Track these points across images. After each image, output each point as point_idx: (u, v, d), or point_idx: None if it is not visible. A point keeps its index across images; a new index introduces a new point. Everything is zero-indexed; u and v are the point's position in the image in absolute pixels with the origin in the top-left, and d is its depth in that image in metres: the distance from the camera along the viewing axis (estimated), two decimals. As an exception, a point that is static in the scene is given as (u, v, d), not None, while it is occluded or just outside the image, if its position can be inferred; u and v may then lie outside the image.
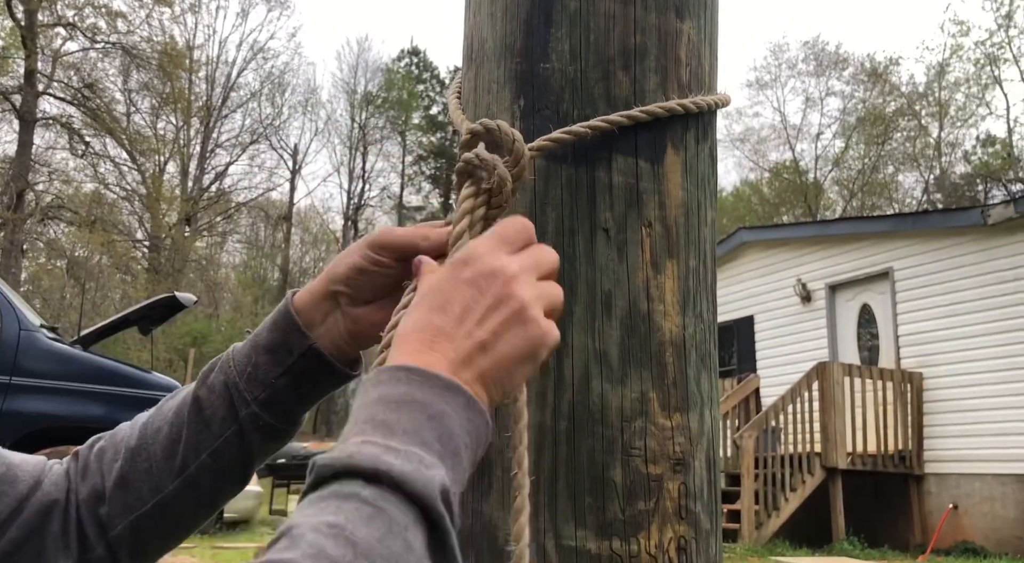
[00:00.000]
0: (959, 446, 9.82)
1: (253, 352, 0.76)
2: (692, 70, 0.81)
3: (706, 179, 0.82)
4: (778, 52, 40.79)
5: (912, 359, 10.38)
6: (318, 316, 0.76)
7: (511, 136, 0.72)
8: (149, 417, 0.77)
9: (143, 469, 0.74)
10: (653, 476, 0.72)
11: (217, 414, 0.74)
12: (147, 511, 0.73)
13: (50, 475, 0.74)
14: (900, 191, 32.77)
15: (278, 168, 34.68)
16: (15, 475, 0.72)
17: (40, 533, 0.71)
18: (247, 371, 0.75)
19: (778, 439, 9.93)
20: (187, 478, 0.74)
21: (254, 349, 0.76)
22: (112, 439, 0.77)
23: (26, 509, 0.71)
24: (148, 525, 0.73)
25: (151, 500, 0.73)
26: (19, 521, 0.70)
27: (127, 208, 26.66)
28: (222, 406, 0.74)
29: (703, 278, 0.80)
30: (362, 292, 0.75)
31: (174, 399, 0.78)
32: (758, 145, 33.85)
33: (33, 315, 6.56)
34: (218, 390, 0.75)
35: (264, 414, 0.74)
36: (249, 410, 0.74)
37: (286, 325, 0.75)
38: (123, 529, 0.73)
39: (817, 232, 12.16)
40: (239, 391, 0.74)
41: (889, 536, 10.03)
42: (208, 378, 0.76)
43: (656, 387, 0.74)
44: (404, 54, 38.41)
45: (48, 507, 0.72)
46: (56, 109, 22.78)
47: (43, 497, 0.72)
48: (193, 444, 0.74)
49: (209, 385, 0.76)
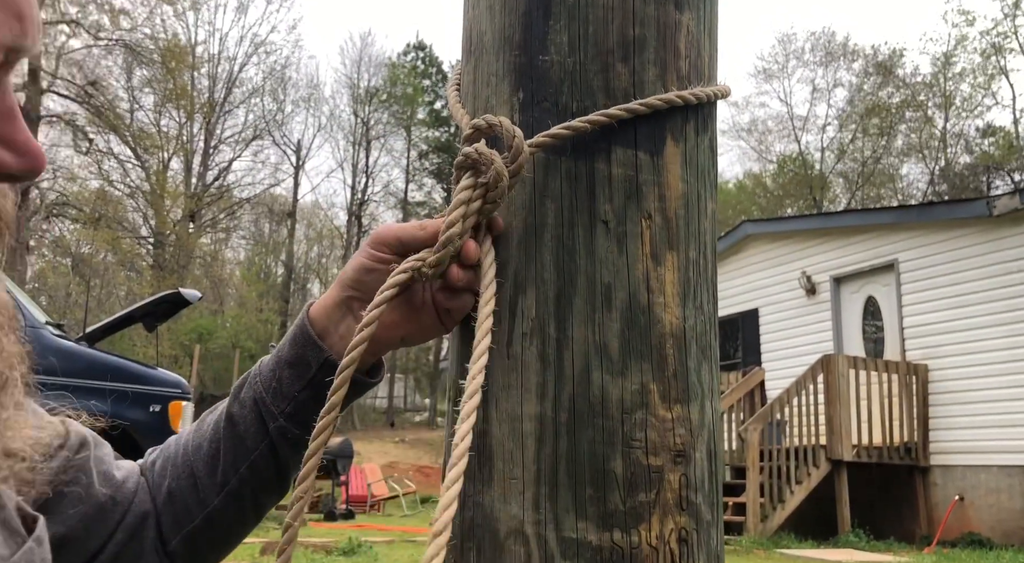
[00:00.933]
0: (965, 438, 9.81)
1: (277, 367, 0.78)
2: (691, 62, 0.81)
3: (706, 171, 0.82)
4: (785, 42, 40.60)
5: (917, 351, 10.37)
6: (332, 325, 0.78)
7: (511, 133, 0.73)
8: (192, 432, 0.80)
9: (188, 485, 0.77)
10: (654, 467, 0.73)
11: (250, 429, 0.77)
12: (197, 525, 0.76)
13: (142, 485, 0.77)
14: (904, 183, 32.69)
15: (281, 164, 34.73)
16: (124, 483, 0.75)
17: (140, 538, 0.74)
18: (272, 386, 0.77)
19: (783, 432, 9.93)
20: (230, 492, 0.76)
21: (278, 364, 0.78)
22: (164, 453, 0.80)
23: (128, 514, 0.74)
24: (199, 539, 0.76)
25: (199, 515, 0.76)
26: (124, 524, 0.73)
27: (131, 205, 26.72)
28: (254, 421, 0.77)
29: (703, 270, 0.80)
30: (373, 291, 0.76)
31: (213, 414, 0.80)
32: (764, 136, 33.78)
33: (39, 312, 6.58)
34: (248, 405, 0.77)
35: (291, 426, 0.76)
36: (277, 423, 0.76)
37: (303, 339, 0.78)
38: (177, 543, 0.76)
39: (822, 224, 12.14)
40: (266, 406, 0.76)
41: (895, 528, 10.03)
42: (240, 393, 0.79)
43: (656, 379, 0.74)
44: (410, 48, 38.37)
45: (145, 514, 0.75)
46: (60, 107, 22.83)
47: (141, 504, 0.75)
48: (231, 459, 0.76)
49: (241, 400, 0.78)
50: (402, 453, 25.87)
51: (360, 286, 0.76)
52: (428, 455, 25.52)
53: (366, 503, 16.71)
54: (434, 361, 35.07)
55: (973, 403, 9.73)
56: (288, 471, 0.79)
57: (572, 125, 0.75)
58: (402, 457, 25.20)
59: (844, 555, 8.27)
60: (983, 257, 9.69)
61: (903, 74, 31.33)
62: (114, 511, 0.72)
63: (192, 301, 6.63)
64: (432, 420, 32.63)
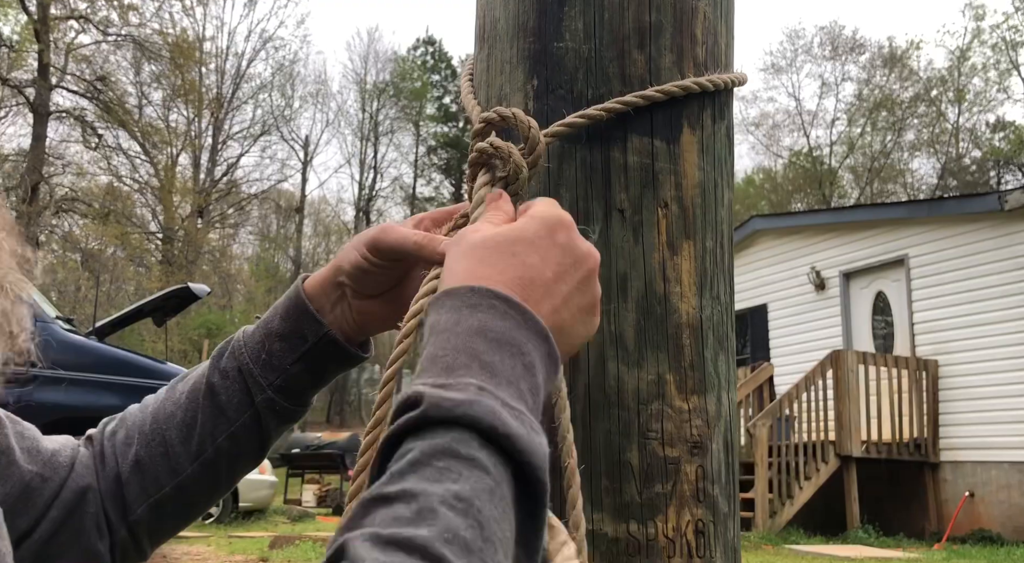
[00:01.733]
0: (975, 434, 9.76)
1: (266, 339, 0.77)
2: (708, 48, 0.80)
3: (723, 159, 0.81)
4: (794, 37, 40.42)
5: (927, 347, 10.31)
6: (327, 304, 0.77)
7: (527, 124, 0.71)
8: (160, 401, 0.78)
9: (159, 453, 0.75)
10: (670, 459, 0.72)
11: (233, 400, 0.75)
12: (166, 494, 0.75)
13: (81, 458, 0.75)
14: (914, 177, 32.50)
15: (289, 159, 34.76)
16: (56, 459, 0.73)
17: (79, 514, 0.72)
18: (261, 358, 0.76)
19: (792, 427, 9.90)
20: (204, 461, 0.75)
21: (267, 337, 0.77)
22: (123, 423, 0.78)
23: (64, 490, 0.72)
24: (167, 507, 0.75)
25: (169, 484, 0.75)
26: (58, 501, 0.71)
27: (140, 200, 26.80)
28: (237, 392, 0.76)
29: (720, 259, 0.79)
30: (366, 287, 0.75)
31: (185, 383, 0.78)
32: (772, 130, 33.64)
33: (49, 307, 6.61)
34: (232, 376, 0.76)
35: (279, 398, 0.76)
36: (265, 395, 0.75)
37: (299, 313, 0.77)
38: (143, 512, 0.74)
39: (831, 219, 12.08)
40: (254, 378, 0.75)
41: (904, 524, 10.00)
42: (220, 363, 0.77)
43: (673, 369, 0.74)
44: (419, 43, 38.33)
45: (83, 489, 0.73)
46: (69, 102, 22.89)
47: (78, 479, 0.73)
48: (209, 429, 0.75)
49: (222, 371, 0.77)
50: (410, 448, 25.87)
51: (355, 280, 0.75)
52: (436, 450, 25.52)
53: (374, 498, 16.70)
54: (442, 356, 35.00)
55: (984, 399, 9.68)
56: (269, 442, 0.78)
57: (588, 113, 0.74)
58: (410, 452, 25.20)
59: (853, 551, 8.25)
60: (994, 252, 9.62)
61: (916, 67, 31.14)
62: (43, 488, 0.71)
63: (201, 296, 6.64)
64: (440, 415, 32.59)
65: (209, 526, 9.74)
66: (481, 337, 0.50)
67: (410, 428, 0.46)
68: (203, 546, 7.70)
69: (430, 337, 0.52)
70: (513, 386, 0.49)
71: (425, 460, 0.44)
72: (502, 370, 0.49)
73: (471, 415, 0.46)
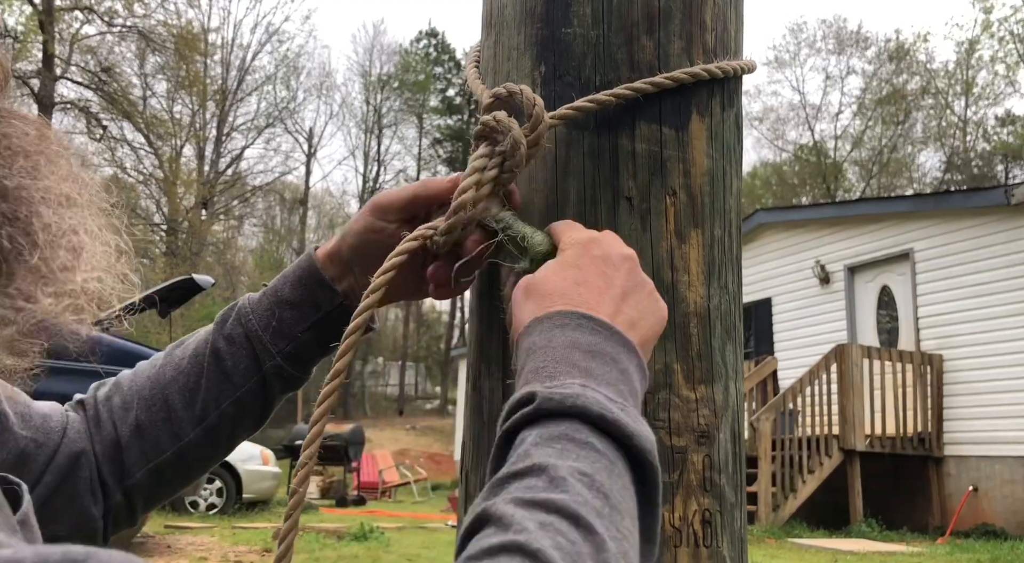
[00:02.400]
0: (980, 428, 9.74)
1: (276, 307, 0.77)
2: (718, 35, 0.79)
3: (731, 147, 0.80)
4: (796, 31, 40.27)
5: (932, 341, 10.29)
6: (339, 275, 0.78)
7: (532, 101, 0.71)
8: (158, 367, 0.78)
9: (160, 418, 0.75)
10: (677, 448, 0.71)
11: (239, 366, 0.76)
12: (166, 459, 0.75)
13: (72, 423, 0.75)
14: (920, 171, 32.39)
15: (293, 152, 34.76)
16: (48, 424, 0.73)
17: (73, 479, 0.72)
18: (271, 325, 0.76)
19: (795, 421, 9.89)
20: (207, 426, 0.76)
21: (277, 304, 0.77)
22: (118, 388, 0.78)
23: (58, 454, 0.72)
24: (167, 471, 0.76)
25: (170, 448, 0.75)
26: (52, 466, 0.71)
27: (144, 192, 26.82)
28: (244, 358, 0.76)
29: (728, 248, 0.78)
30: (372, 256, 0.75)
31: (184, 348, 0.78)
32: (776, 124, 33.53)
33: (54, 297, 6.61)
34: (239, 342, 0.76)
35: (287, 365, 0.76)
36: (274, 362, 0.76)
37: (312, 282, 0.77)
38: (142, 476, 0.75)
39: (836, 213, 12.04)
40: (263, 344, 0.76)
41: (908, 518, 9.99)
42: (224, 329, 0.77)
43: (680, 359, 0.73)
44: (422, 35, 38.27)
45: (77, 454, 0.73)
46: (74, 93, 22.90)
47: (71, 444, 0.73)
48: (214, 394, 0.76)
49: (227, 336, 0.77)
50: (413, 440, 25.97)
51: (361, 251, 0.76)
52: (439, 443, 25.61)
53: (377, 489, 16.79)
54: (445, 349, 35.13)
55: (988, 394, 9.66)
56: (271, 408, 0.78)
57: (596, 98, 0.73)
58: (413, 444, 25.30)
59: (856, 545, 8.25)
60: (1001, 246, 9.59)
61: (922, 60, 30.98)
62: (38, 453, 0.71)
63: (205, 287, 6.65)
64: (443, 408, 32.71)
65: (213, 517, 9.78)
66: (576, 349, 0.54)
67: (526, 421, 0.50)
68: (207, 537, 7.74)
69: (527, 358, 0.56)
70: (613, 387, 0.53)
71: (545, 443, 0.48)
72: (600, 374, 0.53)
73: (579, 406, 0.49)
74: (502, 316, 0.76)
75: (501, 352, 0.76)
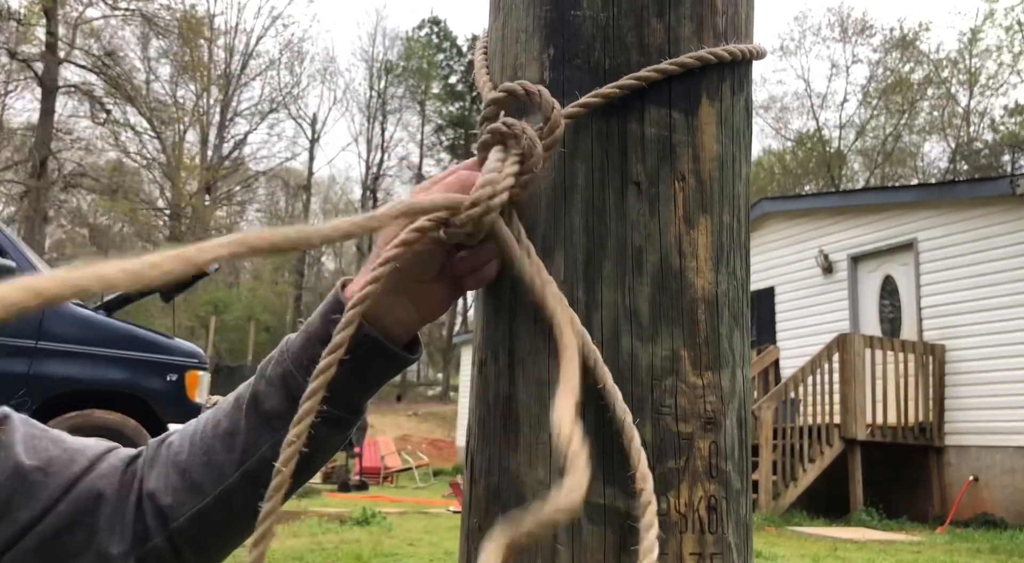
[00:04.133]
0: (980, 418, 9.76)
1: (308, 343, 0.74)
2: (728, 18, 0.78)
3: (741, 132, 0.80)
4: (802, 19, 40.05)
5: (935, 331, 10.29)
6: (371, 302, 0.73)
7: (551, 104, 0.69)
8: (212, 411, 0.78)
9: (202, 462, 0.74)
10: (683, 434, 0.71)
11: (278, 408, 0.73)
12: (209, 503, 0.73)
13: (110, 460, 0.75)
14: (925, 161, 32.27)
15: (297, 137, 34.69)
16: (71, 457, 0.73)
17: (92, 515, 0.72)
18: (304, 363, 0.73)
19: (797, 410, 9.90)
20: (247, 471, 0.73)
21: (309, 340, 0.74)
22: (182, 432, 0.78)
23: (76, 488, 0.72)
24: (211, 518, 0.74)
25: (212, 492, 0.73)
26: (69, 498, 0.71)
27: (148, 177, 26.82)
28: (283, 400, 0.73)
29: (737, 234, 0.78)
30: (412, 271, 0.72)
31: (234, 393, 0.77)
32: (781, 113, 33.41)
33: (57, 281, 6.61)
34: (276, 383, 0.74)
35: (328, 407, 0.72)
36: None
37: (337, 313, 0.74)
38: (185, 521, 0.73)
39: (840, 203, 12.02)
40: (298, 384, 0.73)
41: (908, 507, 10.02)
42: (266, 372, 0.75)
43: (687, 345, 0.73)
44: (424, 23, 38.11)
45: (99, 493, 0.73)
46: (77, 77, 22.83)
47: (97, 480, 0.73)
48: (253, 438, 0.73)
49: (268, 378, 0.75)
50: (415, 426, 26.05)
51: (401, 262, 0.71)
52: (441, 429, 25.69)
53: (379, 475, 16.86)
54: (447, 336, 35.18)
55: (990, 384, 9.67)
56: (322, 454, 0.75)
57: (602, 93, 0.72)
58: (415, 430, 25.38)
59: (856, 533, 8.28)
60: (1005, 237, 9.57)
61: (926, 49, 30.80)
62: (47, 481, 0.70)
63: (209, 272, 6.65)
64: (445, 394, 32.80)
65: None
66: None
67: None
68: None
69: None
70: None
71: None
72: None
73: None
74: (508, 300, 0.75)
75: (507, 336, 0.76)
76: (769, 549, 7.13)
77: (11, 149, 23.38)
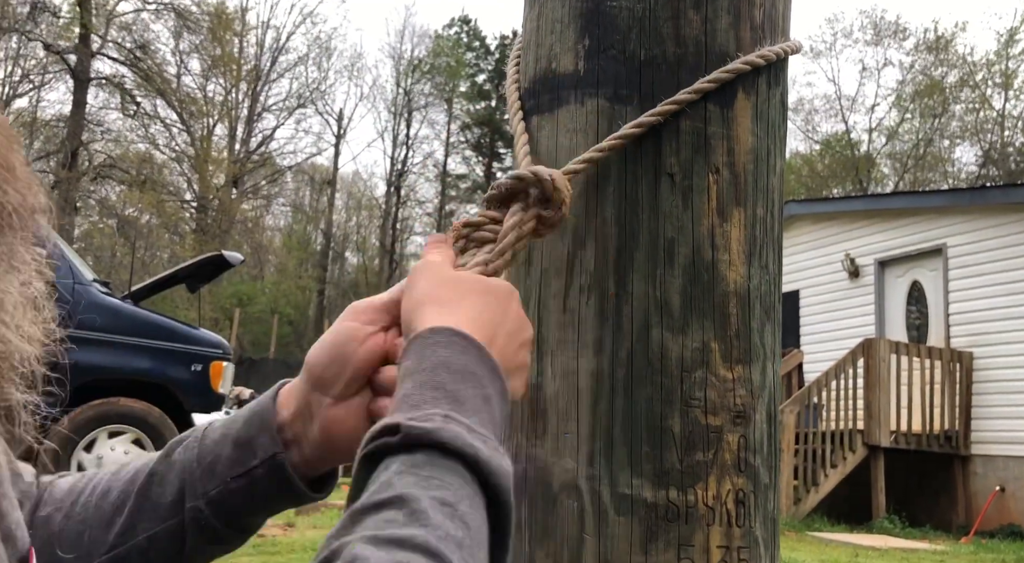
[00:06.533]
0: (1008, 428, 9.60)
1: (224, 440, 0.66)
2: (766, 11, 0.78)
3: (776, 126, 0.79)
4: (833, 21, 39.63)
5: (963, 338, 10.14)
6: (294, 412, 0.65)
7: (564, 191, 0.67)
8: (111, 476, 0.70)
9: (76, 532, 0.66)
10: (712, 427, 0.71)
11: (166, 497, 0.65)
12: None
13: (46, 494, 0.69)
14: (956, 166, 31.80)
15: (323, 133, 34.89)
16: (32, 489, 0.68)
17: None
18: (208, 460, 0.65)
19: (820, 415, 9.81)
20: (116, 557, 0.65)
21: (225, 437, 0.66)
22: (76, 484, 0.70)
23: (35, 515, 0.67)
24: None
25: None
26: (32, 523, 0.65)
27: (176, 169, 27.10)
28: (172, 490, 0.65)
29: (770, 228, 0.78)
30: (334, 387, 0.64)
31: (140, 461, 0.70)
32: (810, 116, 33.08)
33: (87, 270, 6.72)
34: (176, 470, 0.66)
35: (208, 512, 0.64)
36: (195, 503, 0.64)
37: (260, 422, 0.65)
38: None
39: (868, 206, 11.87)
40: (193, 480, 0.65)
41: (931, 516, 9.89)
42: (173, 452, 0.67)
43: (718, 338, 0.72)
44: (454, 22, 38.16)
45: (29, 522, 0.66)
46: (109, 69, 23.13)
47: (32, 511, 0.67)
48: (132, 522, 0.65)
49: (171, 461, 0.66)
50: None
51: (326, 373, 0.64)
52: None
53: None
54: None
55: (1019, 393, 9.51)
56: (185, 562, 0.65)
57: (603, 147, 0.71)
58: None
59: (878, 541, 8.18)
60: (1037, 244, 9.41)
61: (961, 52, 30.35)
62: None
63: (235, 264, 6.72)
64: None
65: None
66: (444, 371, 0.53)
67: (388, 449, 0.48)
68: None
69: (401, 382, 0.54)
70: (477, 414, 0.52)
71: (408, 471, 0.47)
72: (466, 399, 0.52)
73: (441, 439, 0.48)
74: (538, 291, 0.75)
75: (536, 327, 0.76)
76: (789, 554, 7.07)
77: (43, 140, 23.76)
